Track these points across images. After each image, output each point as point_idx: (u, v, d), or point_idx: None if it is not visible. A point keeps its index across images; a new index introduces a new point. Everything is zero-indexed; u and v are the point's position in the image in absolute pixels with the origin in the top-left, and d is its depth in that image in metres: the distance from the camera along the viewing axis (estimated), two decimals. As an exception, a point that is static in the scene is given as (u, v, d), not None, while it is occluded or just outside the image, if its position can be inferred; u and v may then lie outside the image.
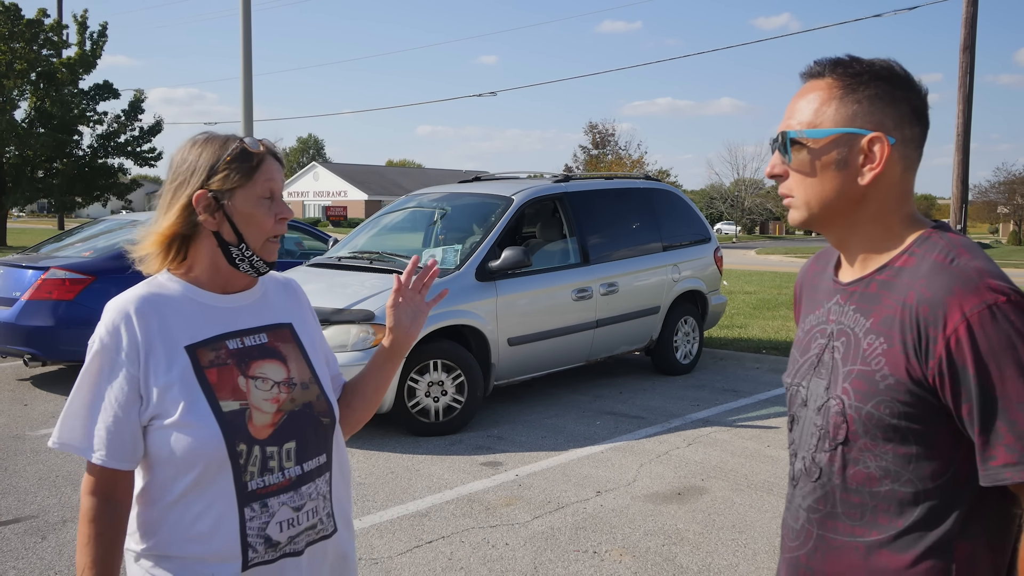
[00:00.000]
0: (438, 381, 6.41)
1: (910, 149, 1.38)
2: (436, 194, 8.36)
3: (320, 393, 1.80)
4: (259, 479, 1.68)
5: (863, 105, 1.35)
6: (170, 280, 1.76)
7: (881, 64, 1.37)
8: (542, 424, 6.75)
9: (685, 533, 4.58)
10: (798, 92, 1.42)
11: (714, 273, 9.12)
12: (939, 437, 1.30)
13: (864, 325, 1.36)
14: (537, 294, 7.19)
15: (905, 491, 1.33)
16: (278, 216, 1.75)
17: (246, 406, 1.68)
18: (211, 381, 1.67)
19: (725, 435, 6.46)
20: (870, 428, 1.33)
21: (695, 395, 7.78)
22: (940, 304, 1.25)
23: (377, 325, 6.07)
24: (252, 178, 1.71)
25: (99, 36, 30.50)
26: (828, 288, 1.50)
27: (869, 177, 1.36)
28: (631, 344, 8.22)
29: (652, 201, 8.71)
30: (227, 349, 1.72)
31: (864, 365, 1.34)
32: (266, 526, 1.68)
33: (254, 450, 1.67)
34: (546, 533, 4.56)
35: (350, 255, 7.58)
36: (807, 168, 1.39)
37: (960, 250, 1.31)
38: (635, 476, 5.51)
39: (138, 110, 31.79)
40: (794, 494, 1.51)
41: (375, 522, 4.72)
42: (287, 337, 1.82)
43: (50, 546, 4.35)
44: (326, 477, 1.79)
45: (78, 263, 7.85)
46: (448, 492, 5.19)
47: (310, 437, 1.76)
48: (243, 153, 1.71)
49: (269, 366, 1.75)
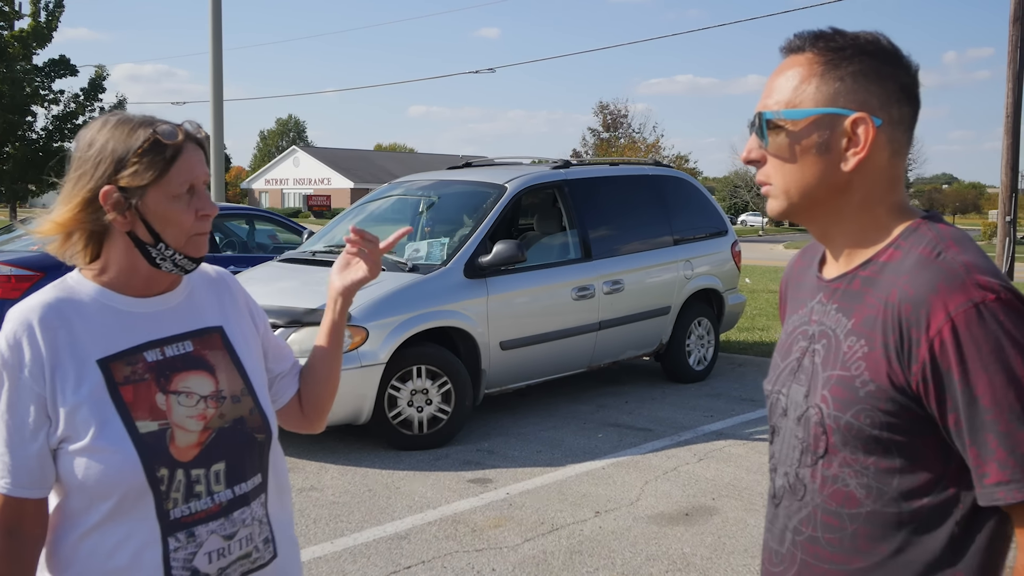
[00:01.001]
0: (422, 389, 6.43)
1: (899, 131, 1.38)
2: (422, 182, 8.38)
3: (254, 406, 1.78)
4: (184, 506, 1.65)
5: (846, 83, 1.35)
6: (81, 283, 1.71)
7: (867, 37, 1.37)
8: (537, 437, 6.77)
9: (692, 558, 4.59)
10: (777, 68, 1.42)
11: (732, 270, 9.14)
12: (926, 450, 1.30)
13: (846, 326, 1.37)
14: (533, 292, 7.21)
15: (888, 512, 1.33)
16: (199, 212, 1.70)
17: (167, 426, 1.65)
18: (126, 400, 1.64)
19: (740, 449, 6.47)
20: (849, 440, 1.33)
21: (709, 405, 7.80)
22: (923, 303, 1.25)
23: (354, 327, 6.09)
24: (167, 173, 1.66)
25: (55, 6, 30.54)
26: (812, 285, 1.51)
27: (853, 162, 1.36)
28: (638, 348, 8.23)
29: (662, 190, 8.72)
30: (145, 362, 1.68)
31: (843, 370, 1.34)
32: (192, 557, 1.66)
33: (177, 474, 1.65)
34: (537, 558, 4.58)
35: (325, 249, 7.60)
36: (786, 153, 1.39)
37: (948, 243, 1.31)
38: (639, 495, 5.53)
39: (99, 88, 31.82)
40: (777, 514, 1.51)
41: (348, 545, 4.73)
42: (216, 343, 1.79)
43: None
44: (261, 499, 1.77)
45: (24, 258, 7.89)
46: (431, 512, 5.21)
47: (243, 457, 1.73)
48: (156, 144, 1.65)
49: (194, 378, 1.72)
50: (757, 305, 14.50)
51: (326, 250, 7.57)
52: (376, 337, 6.17)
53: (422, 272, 6.71)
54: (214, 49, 15.43)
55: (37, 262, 7.79)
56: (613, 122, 56.49)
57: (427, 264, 6.86)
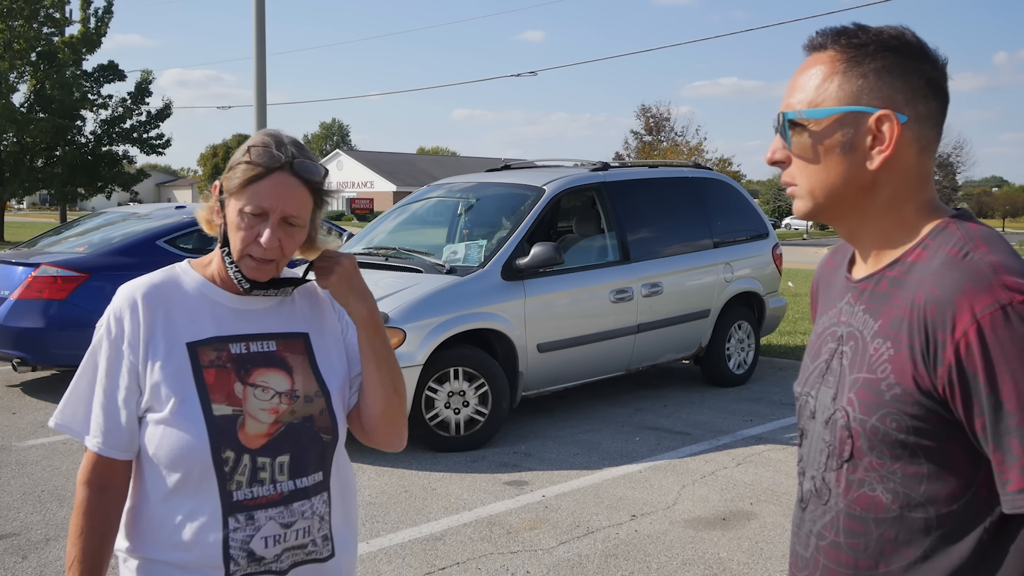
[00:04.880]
0: (459, 391, 6.44)
1: (926, 127, 1.35)
2: (461, 184, 8.40)
3: (325, 408, 1.85)
4: (247, 489, 1.75)
5: (869, 80, 1.32)
6: (187, 272, 1.86)
7: (890, 32, 1.34)
8: (575, 440, 6.75)
9: (728, 563, 4.55)
10: (800, 67, 1.40)
11: (772, 273, 9.05)
12: (954, 455, 1.27)
13: (872, 327, 1.34)
14: (571, 295, 7.19)
15: (915, 517, 1.30)
16: (264, 242, 1.75)
17: (240, 412, 1.76)
18: (207, 382, 1.76)
19: (780, 454, 6.41)
20: (876, 444, 1.31)
21: (748, 409, 7.73)
22: (949, 304, 1.22)
23: (392, 328, 6.12)
24: (246, 188, 1.76)
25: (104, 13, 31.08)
26: (841, 286, 1.49)
27: (879, 161, 1.33)
28: (677, 352, 8.18)
29: (702, 192, 8.67)
30: (229, 352, 1.80)
31: (869, 373, 1.32)
32: (250, 539, 1.74)
33: (243, 458, 1.75)
34: (572, 561, 4.57)
35: (364, 251, 7.64)
36: (809, 153, 1.37)
37: (977, 243, 1.28)
38: (675, 499, 5.49)
39: (145, 92, 32.34)
40: (804, 518, 1.49)
41: (384, 545, 4.76)
42: (299, 348, 1.88)
43: (31, 566, 4.45)
44: (323, 497, 1.85)
45: (71, 259, 8.01)
46: (466, 514, 5.22)
47: (307, 452, 1.81)
48: (249, 162, 1.77)
49: (272, 375, 1.82)
50: (799, 309, 14.34)
51: (364, 252, 7.62)
52: (413, 339, 6.19)
53: (460, 274, 6.72)
54: (258, 54, 15.60)
55: (83, 263, 7.91)
56: (656, 125, 56.23)
57: (465, 266, 6.88)
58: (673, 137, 55.36)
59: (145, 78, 32.27)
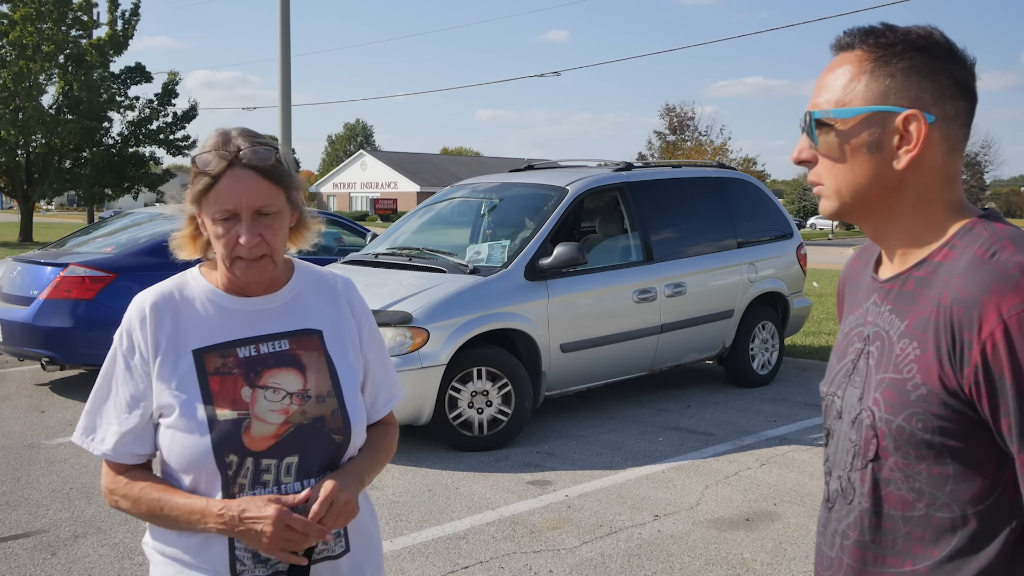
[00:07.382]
0: (482, 391, 6.45)
1: (954, 127, 1.34)
2: (485, 184, 8.41)
3: (337, 408, 1.84)
4: (249, 492, 1.76)
5: (896, 79, 1.32)
6: (196, 278, 1.88)
7: (919, 32, 1.34)
8: (598, 440, 6.75)
9: (752, 564, 4.54)
10: (827, 66, 1.39)
11: (797, 273, 9.01)
12: (980, 456, 1.26)
13: (899, 327, 1.34)
14: (594, 295, 7.18)
15: (942, 516, 1.30)
16: (244, 242, 1.74)
17: (245, 416, 1.76)
18: (212, 389, 1.78)
19: (804, 455, 6.37)
20: (902, 444, 1.30)
21: (772, 409, 7.69)
22: (975, 304, 1.22)
23: (415, 328, 6.14)
24: (206, 198, 1.75)
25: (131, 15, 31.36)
26: (868, 286, 1.48)
27: (906, 160, 1.33)
28: (701, 352, 8.16)
29: (726, 192, 8.64)
30: (236, 357, 1.81)
31: (896, 373, 1.31)
32: None
33: (246, 462, 1.76)
34: (595, 560, 4.56)
35: (388, 251, 7.67)
36: (836, 152, 1.37)
37: (1004, 243, 1.27)
38: (699, 499, 5.47)
39: (171, 94, 32.59)
40: (829, 518, 1.49)
41: (407, 544, 4.77)
42: (313, 345, 1.87)
43: (59, 563, 4.50)
44: None
45: (99, 259, 8.10)
46: (489, 513, 5.22)
47: (316, 453, 1.81)
48: (198, 173, 1.76)
49: (284, 375, 1.82)
50: (824, 309, 14.26)
51: (388, 252, 7.65)
52: (437, 338, 6.21)
53: (483, 274, 6.73)
54: (283, 55, 15.68)
55: (110, 263, 8.00)
56: (680, 125, 56.01)
57: (488, 266, 6.89)
58: (697, 137, 55.13)
59: (171, 80, 32.53)
